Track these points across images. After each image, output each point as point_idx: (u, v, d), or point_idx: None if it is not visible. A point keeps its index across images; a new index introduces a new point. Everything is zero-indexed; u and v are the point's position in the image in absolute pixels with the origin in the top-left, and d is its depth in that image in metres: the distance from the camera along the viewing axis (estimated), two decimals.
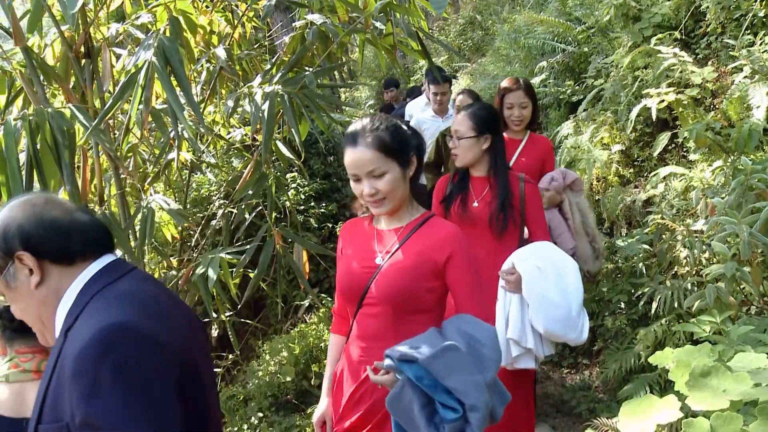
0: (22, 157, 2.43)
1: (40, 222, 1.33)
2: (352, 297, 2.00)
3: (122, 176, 3.16)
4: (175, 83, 2.54)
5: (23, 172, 2.38)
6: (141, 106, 2.44)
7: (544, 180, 3.34)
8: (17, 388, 1.87)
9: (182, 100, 2.64)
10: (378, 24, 3.02)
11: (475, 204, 2.90)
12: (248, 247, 3.24)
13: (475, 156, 2.91)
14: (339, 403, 2.07)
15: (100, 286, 1.33)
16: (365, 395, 1.98)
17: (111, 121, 3.06)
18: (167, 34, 2.65)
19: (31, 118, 2.41)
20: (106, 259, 1.40)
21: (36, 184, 2.43)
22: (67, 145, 2.43)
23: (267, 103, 2.77)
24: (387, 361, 1.74)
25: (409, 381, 1.67)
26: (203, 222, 3.86)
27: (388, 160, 1.87)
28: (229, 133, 3.85)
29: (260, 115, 2.76)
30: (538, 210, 2.91)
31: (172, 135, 3.00)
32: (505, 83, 3.57)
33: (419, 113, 5.65)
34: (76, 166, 3.13)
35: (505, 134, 3.37)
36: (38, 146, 2.41)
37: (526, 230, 2.93)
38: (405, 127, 1.95)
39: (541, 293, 2.61)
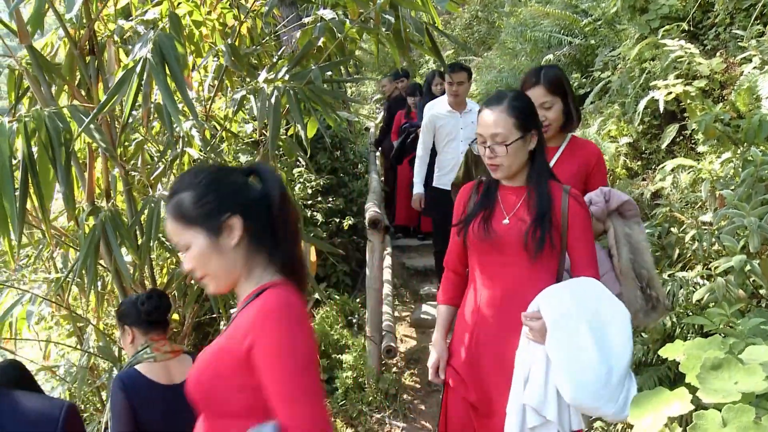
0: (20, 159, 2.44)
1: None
2: None
3: (129, 172, 3.17)
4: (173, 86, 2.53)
5: (18, 173, 2.39)
6: (139, 105, 2.45)
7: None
8: (163, 364, 2.44)
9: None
10: (388, 16, 3.01)
11: (506, 221, 2.24)
12: None
13: (522, 162, 2.26)
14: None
15: None
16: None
17: (117, 119, 3.07)
18: (166, 30, 2.64)
19: (26, 119, 2.42)
20: None
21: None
22: (62, 145, 2.44)
23: (273, 98, 2.77)
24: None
25: None
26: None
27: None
28: (240, 126, 3.86)
29: (266, 110, 2.76)
30: (585, 233, 2.24)
31: (177, 130, 3.00)
32: (523, 76, 2.81)
33: (434, 108, 5.15)
34: (82, 162, 3.14)
35: None
36: (35, 147, 2.42)
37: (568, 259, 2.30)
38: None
39: (571, 349, 2.00)
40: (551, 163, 2.58)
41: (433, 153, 5.23)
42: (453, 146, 5.06)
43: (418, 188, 5.29)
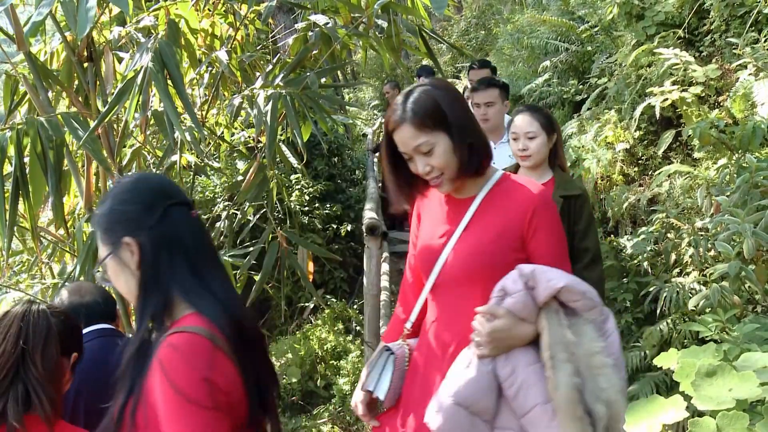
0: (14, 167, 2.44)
1: None
2: None
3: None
4: (173, 91, 2.54)
5: (10, 182, 2.39)
6: (137, 112, 2.45)
7: (494, 294, 1.64)
8: None
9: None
10: (380, 22, 3.02)
11: None
12: (251, 249, 3.24)
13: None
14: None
15: None
16: None
17: (114, 126, 3.07)
18: (165, 37, 2.65)
19: (20, 127, 2.42)
20: None
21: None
22: (54, 153, 2.44)
23: (269, 104, 2.77)
24: None
25: None
26: (208, 224, 3.86)
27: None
28: (232, 134, 3.86)
29: (263, 117, 2.77)
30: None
31: (177, 137, 3.01)
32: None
33: None
34: (81, 169, 3.14)
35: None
36: (27, 156, 2.42)
37: None
38: None
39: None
40: (465, 220, 1.77)
41: None
42: None
43: None
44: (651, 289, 3.62)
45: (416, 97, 1.70)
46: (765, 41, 3.99)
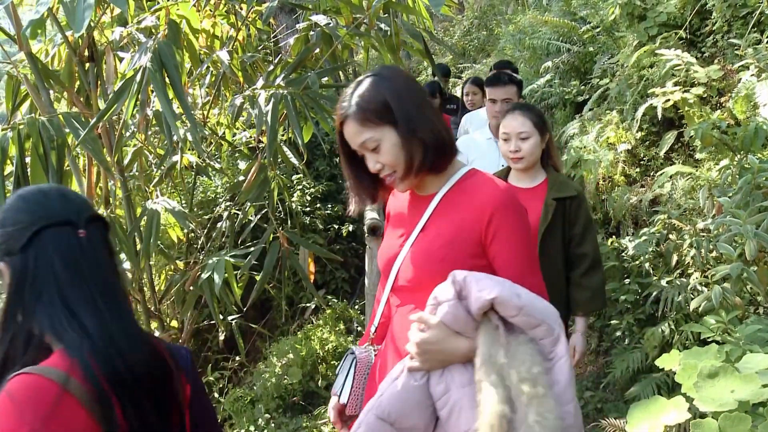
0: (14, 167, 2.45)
1: None
2: None
3: (126, 179, 3.17)
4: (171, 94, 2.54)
5: (10, 181, 2.40)
6: (137, 111, 2.45)
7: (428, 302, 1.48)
8: None
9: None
10: (382, 25, 3.02)
11: None
12: (252, 249, 3.24)
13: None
14: None
15: None
16: None
17: (116, 125, 3.07)
18: (165, 38, 2.65)
19: (20, 127, 2.42)
20: None
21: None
22: (55, 153, 2.44)
23: (270, 105, 2.77)
24: None
25: None
26: (209, 224, 3.86)
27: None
28: (234, 135, 3.86)
29: (264, 118, 2.77)
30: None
31: (175, 138, 3.01)
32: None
33: (475, 132, 3.81)
34: (83, 169, 3.15)
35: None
36: (28, 156, 2.43)
37: None
38: None
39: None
40: (422, 221, 1.63)
41: None
42: None
43: None
44: (652, 290, 3.62)
45: (361, 89, 1.54)
46: (767, 42, 3.98)
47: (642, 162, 4.94)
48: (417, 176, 1.57)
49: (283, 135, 3.55)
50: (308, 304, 5.99)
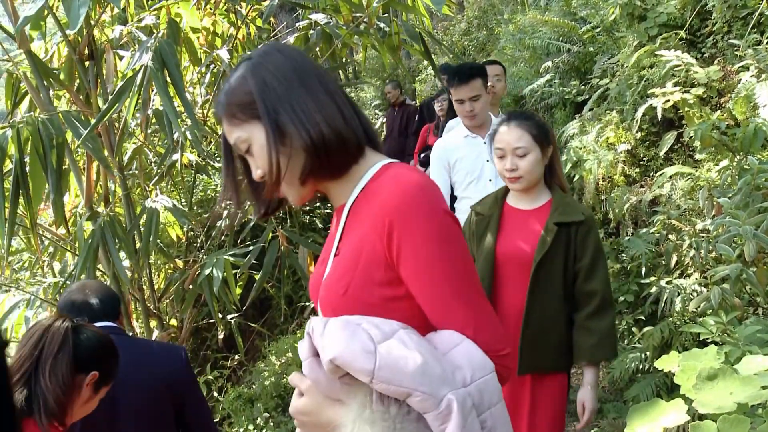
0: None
1: None
2: None
3: (126, 178, 3.17)
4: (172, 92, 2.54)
5: (10, 180, 2.40)
6: (139, 110, 2.45)
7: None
8: None
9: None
10: (382, 25, 3.02)
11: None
12: (252, 248, 3.24)
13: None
14: None
15: None
16: None
17: (116, 124, 3.07)
18: (165, 36, 2.65)
19: (20, 126, 2.42)
20: None
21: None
22: (54, 151, 2.44)
23: None
24: None
25: None
26: (208, 223, 3.86)
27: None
28: None
29: None
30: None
31: (176, 136, 3.01)
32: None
33: (449, 134, 3.43)
34: (82, 168, 3.15)
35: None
36: (27, 155, 2.43)
37: None
38: None
39: None
40: (336, 241, 1.25)
41: (453, 198, 3.30)
42: (479, 188, 3.10)
43: None
44: (652, 290, 3.62)
45: (230, 78, 1.21)
46: (767, 43, 3.98)
47: (642, 162, 4.94)
48: (304, 184, 1.19)
49: None
50: (307, 303, 5.98)
